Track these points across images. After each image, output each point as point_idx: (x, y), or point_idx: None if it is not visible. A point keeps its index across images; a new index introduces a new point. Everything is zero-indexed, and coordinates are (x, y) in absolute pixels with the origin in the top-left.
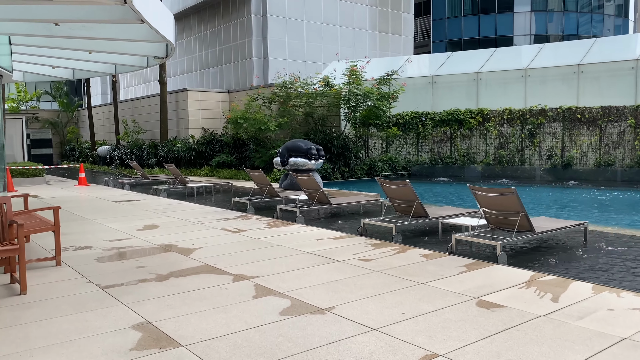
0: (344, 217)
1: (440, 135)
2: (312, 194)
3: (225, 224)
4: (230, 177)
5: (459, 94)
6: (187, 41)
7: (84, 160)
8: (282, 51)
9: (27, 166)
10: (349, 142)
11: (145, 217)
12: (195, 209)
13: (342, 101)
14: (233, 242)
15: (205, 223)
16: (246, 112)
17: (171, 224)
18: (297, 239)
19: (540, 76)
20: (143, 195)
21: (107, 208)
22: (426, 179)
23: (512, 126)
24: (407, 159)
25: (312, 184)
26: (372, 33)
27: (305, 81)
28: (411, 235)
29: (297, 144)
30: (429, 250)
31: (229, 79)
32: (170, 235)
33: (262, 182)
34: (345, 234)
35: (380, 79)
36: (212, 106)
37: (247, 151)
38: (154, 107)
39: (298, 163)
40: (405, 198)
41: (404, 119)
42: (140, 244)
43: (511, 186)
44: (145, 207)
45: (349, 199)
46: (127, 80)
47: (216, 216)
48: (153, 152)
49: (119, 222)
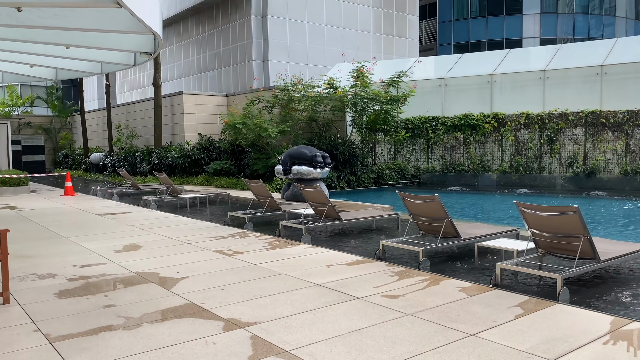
0: (356, 235)
1: (452, 141)
2: (319, 208)
3: (219, 244)
4: (228, 186)
5: (471, 98)
6: (184, 44)
7: (77, 167)
8: (284, 53)
9: (10, 175)
10: (355, 149)
11: (128, 234)
12: (185, 225)
13: (348, 105)
14: (226, 270)
15: (195, 242)
16: (245, 117)
17: (156, 244)
18: (303, 265)
19: (560, 78)
20: (131, 207)
21: (88, 223)
22: (437, 188)
23: (530, 131)
24: (416, 166)
25: (320, 197)
26: (377, 35)
27: (309, 83)
28: (441, 260)
29: (300, 150)
30: (467, 282)
31: (227, 82)
32: (153, 260)
33: (262, 194)
34: (360, 257)
35: (388, 80)
36: (209, 110)
37: (246, 158)
38: (148, 112)
39: (302, 172)
40: (432, 215)
41: (413, 123)
42: (114, 272)
43: (531, 195)
44: (130, 222)
45: (362, 213)
46: (123, 85)
47: (209, 233)
48: (146, 159)
49: (96, 241)
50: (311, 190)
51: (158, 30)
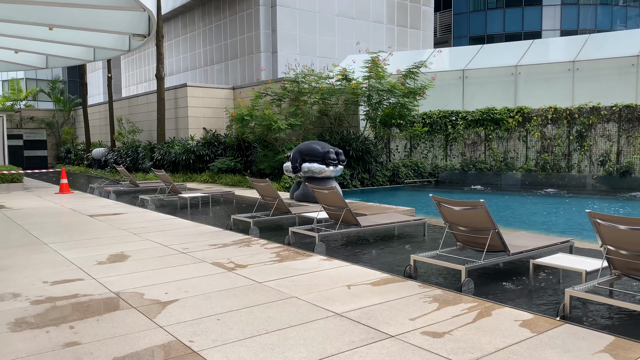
0: (376, 244)
1: (473, 137)
2: (334, 213)
3: (219, 254)
4: (233, 184)
5: (494, 91)
6: (190, 36)
7: (80, 162)
8: (293, 45)
9: (4, 171)
10: (369, 145)
11: (118, 240)
12: (184, 229)
13: (362, 97)
14: (225, 290)
15: (192, 252)
16: (252, 109)
17: (147, 253)
18: (318, 284)
19: (590, 70)
20: (127, 208)
21: (77, 225)
22: (457, 188)
23: (558, 127)
24: (434, 164)
25: (336, 199)
26: (390, 27)
27: (320, 75)
28: (485, 280)
29: (312, 146)
30: (526, 312)
31: (234, 76)
32: (139, 275)
33: (270, 195)
34: (386, 274)
35: (406, 71)
36: (215, 104)
37: (253, 155)
38: (151, 106)
39: (313, 169)
40: (475, 225)
41: (431, 118)
42: (90, 291)
43: (562, 196)
44: (123, 225)
45: (383, 218)
46: (129, 78)
47: (209, 240)
48: (149, 154)
49: (79, 249)
50: (325, 192)
51: (151, 6)
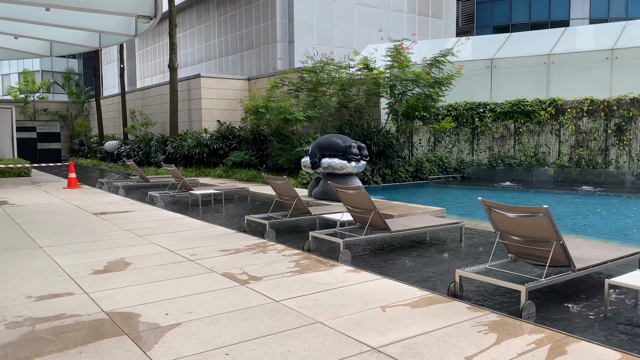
0: (408, 251)
1: (502, 131)
2: (361, 216)
3: (231, 262)
4: (248, 180)
5: (524, 81)
6: (205, 26)
7: (93, 155)
8: (310, 35)
9: (12, 164)
10: (392, 139)
11: (120, 243)
12: (193, 230)
13: (385, 88)
14: (236, 311)
15: (200, 259)
16: (268, 100)
17: (149, 260)
18: (347, 304)
19: (632, 58)
20: (134, 205)
21: (78, 225)
22: (484, 184)
23: (594, 120)
24: (459, 158)
25: (363, 201)
26: (411, 16)
27: (340, 64)
28: (546, 300)
29: (332, 140)
30: (612, 349)
31: (250, 66)
32: (138, 288)
33: (287, 194)
34: (426, 291)
35: (431, 60)
36: (229, 95)
37: (269, 148)
38: (164, 97)
39: (334, 165)
40: (533, 235)
41: (457, 110)
42: (78, 311)
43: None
44: (128, 225)
45: (415, 221)
46: (143, 70)
47: (220, 244)
48: (161, 148)
49: (76, 254)
50: (351, 192)
51: None
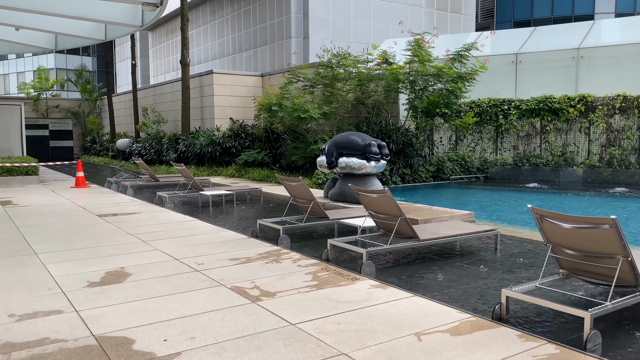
0: (437, 262)
1: (527, 129)
2: (385, 223)
3: (241, 273)
4: (261, 179)
5: (551, 77)
6: (218, 23)
7: (105, 153)
8: (325, 30)
9: (19, 162)
10: (411, 137)
11: (122, 249)
12: (202, 235)
13: (405, 83)
14: (246, 338)
15: (208, 269)
16: (282, 97)
17: (151, 271)
18: (374, 330)
19: None
20: (142, 206)
21: (80, 228)
22: (509, 185)
23: (627, 117)
24: (482, 158)
25: (388, 206)
26: (429, 11)
27: (357, 58)
28: (609, 326)
29: (350, 138)
30: None
31: (264, 63)
32: (135, 306)
33: (303, 197)
34: (465, 313)
35: (454, 54)
36: (243, 92)
37: (283, 147)
38: (176, 94)
39: (352, 165)
40: (593, 249)
41: (480, 107)
42: (64, 334)
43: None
44: (133, 228)
45: (445, 228)
46: (156, 68)
47: (230, 251)
48: (173, 146)
49: (72, 262)
50: (374, 196)
51: None
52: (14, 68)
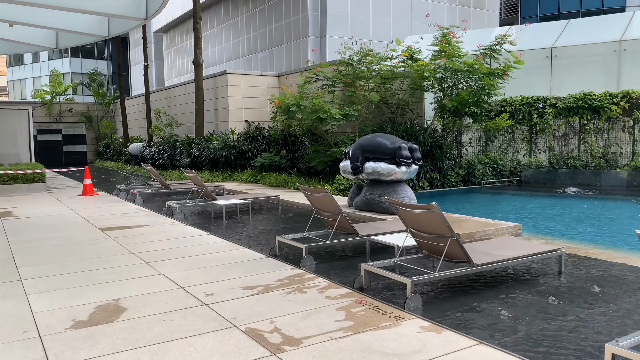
0: (493, 292)
1: (564, 128)
2: (431, 244)
3: (257, 310)
4: (278, 185)
5: (591, 72)
6: (233, 23)
7: (118, 158)
8: (344, 28)
9: (24, 169)
10: (439, 138)
11: (120, 274)
12: (213, 253)
13: (432, 81)
14: None
15: (217, 302)
16: (300, 97)
17: (150, 305)
18: None
19: None
20: (150, 217)
21: (78, 245)
22: (546, 190)
23: None
24: (515, 160)
25: (435, 224)
26: (451, 7)
27: (380, 55)
28: None
29: (377, 141)
30: None
31: (280, 63)
32: (127, 358)
33: (329, 210)
34: None
35: (486, 48)
36: (258, 93)
37: (301, 150)
38: (189, 97)
39: (380, 171)
40: None
41: (512, 106)
42: None
43: None
44: (137, 245)
45: (497, 247)
46: (171, 71)
47: (245, 277)
48: (187, 150)
49: (59, 293)
50: (417, 212)
51: None
52: (30, 73)
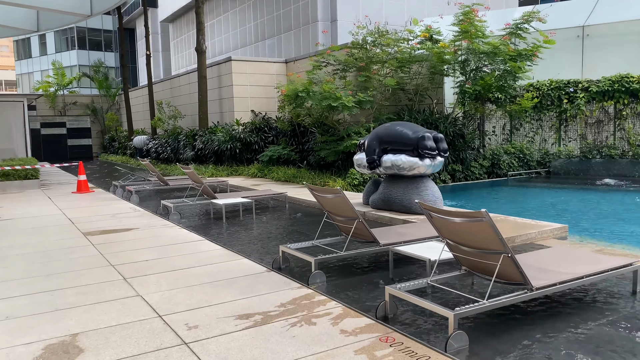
0: (552, 317)
1: (598, 115)
2: (475, 261)
3: (252, 354)
4: (286, 180)
5: (628, 52)
6: (240, 9)
7: (123, 151)
8: (355, 11)
9: (19, 165)
10: (462, 127)
11: (89, 296)
12: (206, 266)
13: (454, 64)
14: None
15: (201, 339)
16: (310, 83)
17: (114, 345)
18: None
19: None
20: (143, 218)
21: (52, 255)
22: (578, 181)
23: None
24: (543, 149)
25: (484, 236)
26: None
27: (397, 37)
28: None
29: (396, 130)
30: None
31: (288, 50)
32: None
33: (343, 214)
34: None
35: (513, 26)
36: (265, 81)
37: (310, 141)
38: (193, 86)
39: (400, 164)
40: None
41: (539, 90)
42: None
43: None
44: (118, 255)
45: (555, 261)
46: (178, 62)
47: (239, 300)
48: (190, 143)
49: (7, 323)
50: (457, 221)
51: None
52: (38, 66)
